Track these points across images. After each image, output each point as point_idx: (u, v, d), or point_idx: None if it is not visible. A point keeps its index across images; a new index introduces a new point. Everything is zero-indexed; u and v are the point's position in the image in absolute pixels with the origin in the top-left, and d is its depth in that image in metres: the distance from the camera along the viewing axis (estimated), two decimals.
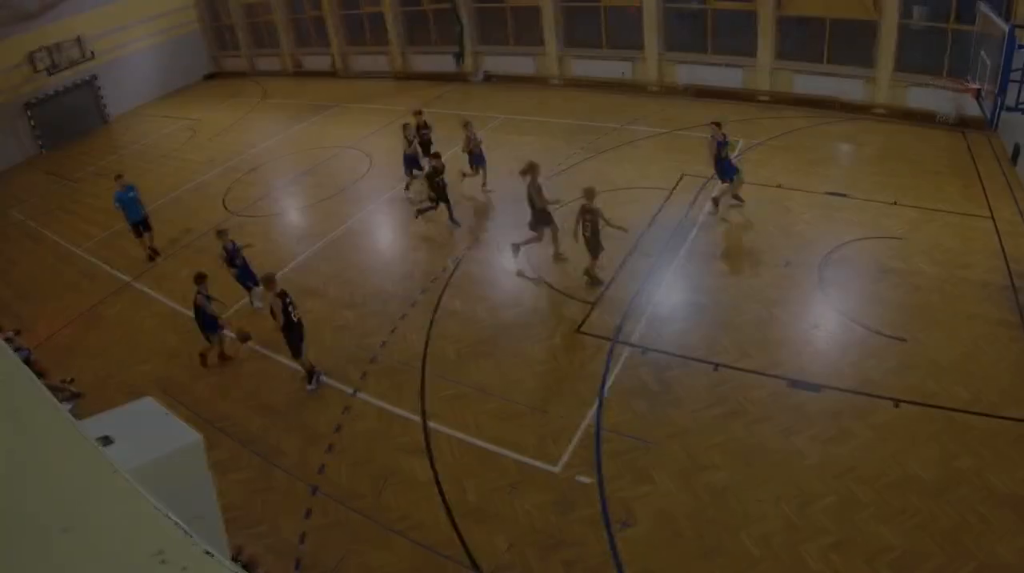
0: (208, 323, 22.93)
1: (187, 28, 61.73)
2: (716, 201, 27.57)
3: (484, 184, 32.64)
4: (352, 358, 22.80)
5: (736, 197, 27.61)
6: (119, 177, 29.26)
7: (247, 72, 62.46)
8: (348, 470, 18.59)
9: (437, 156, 27.98)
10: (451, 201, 28.24)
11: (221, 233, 23.37)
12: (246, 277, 24.19)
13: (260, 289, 23.48)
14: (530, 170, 25.88)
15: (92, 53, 52.19)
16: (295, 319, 21.17)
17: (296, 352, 21.53)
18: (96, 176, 43.18)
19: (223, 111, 52.90)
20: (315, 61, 59.42)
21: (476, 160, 31.71)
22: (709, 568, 15.19)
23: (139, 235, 30.07)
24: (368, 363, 22.44)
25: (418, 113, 32.86)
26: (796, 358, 20.97)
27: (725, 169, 26.87)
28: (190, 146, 45.50)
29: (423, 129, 32.21)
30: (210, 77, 63.98)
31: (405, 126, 33.17)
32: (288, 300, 21.06)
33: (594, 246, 24.34)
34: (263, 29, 61.23)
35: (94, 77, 53.98)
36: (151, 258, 30.24)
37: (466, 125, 31.57)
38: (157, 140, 48.45)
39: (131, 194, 29.08)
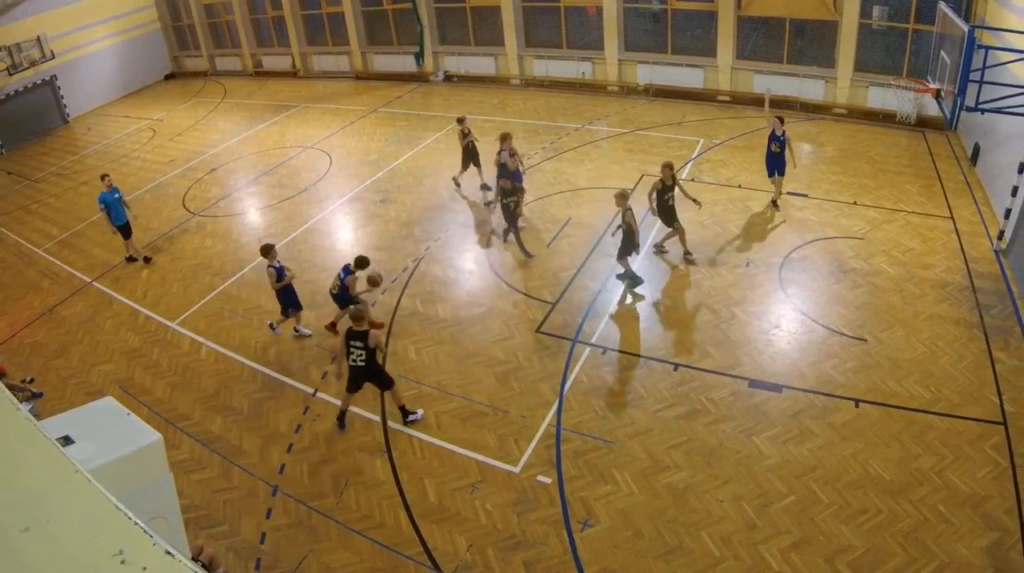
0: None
1: (147, 28, 61.44)
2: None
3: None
4: (313, 358, 22.75)
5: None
6: (104, 176, 28.70)
7: (208, 72, 62.29)
8: (309, 470, 18.52)
9: (507, 180, 26.56)
10: (517, 226, 27.41)
11: (268, 251, 22.61)
12: (289, 300, 23.49)
13: (284, 320, 23.28)
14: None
15: (52, 53, 51.75)
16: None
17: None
18: (56, 176, 42.99)
19: (184, 111, 52.68)
20: (276, 61, 59.39)
21: (515, 176, 29.96)
22: (670, 568, 15.20)
23: (127, 236, 29.58)
24: (329, 363, 22.35)
25: (460, 120, 31.65)
26: (757, 358, 21.04)
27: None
28: (151, 146, 45.21)
29: (467, 136, 31.27)
30: (170, 77, 63.73)
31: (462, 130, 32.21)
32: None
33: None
34: (223, 29, 61.03)
35: (54, 77, 53.58)
36: (133, 259, 29.80)
37: (504, 138, 30.23)
38: (118, 140, 48.12)
39: (116, 195, 28.57)
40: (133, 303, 26.95)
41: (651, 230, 27.50)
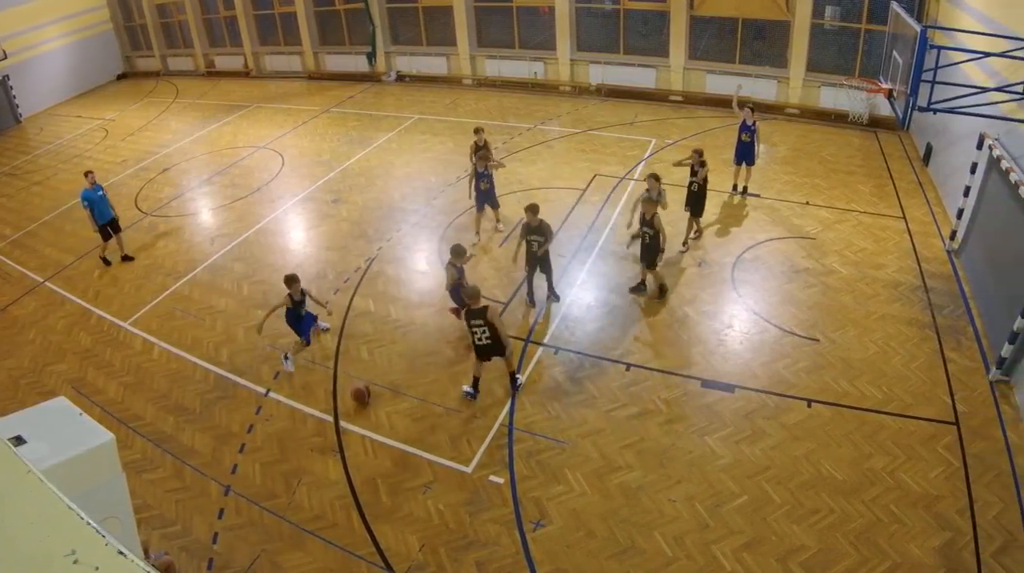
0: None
1: (100, 28, 61.07)
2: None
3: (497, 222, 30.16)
4: (265, 358, 22.61)
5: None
6: (88, 174, 28.18)
7: (160, 72, 61.92)
8: (261, 470, 18.38)
9: (531, 209, 22.85)
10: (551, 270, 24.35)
11: (291, 282, 21.30)
12: (301, 326, 22.67)
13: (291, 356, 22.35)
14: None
15: (4, 53, 51.21)
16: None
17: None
18: (9, 176, 42.53)
19: (136, 111, 52.34)
20: (228, 61, 59.04)
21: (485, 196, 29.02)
22: (622, 568, 15.15)
23: (107, 238, 29.00)
24: (281, 363, 22.19)
25: (478, 131, 29.35)
26: (709, 358, 21.02)
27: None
28: (103, 146, 44.90)
29: (481, 149, 28.77)
30: (123, 77, 63.33)
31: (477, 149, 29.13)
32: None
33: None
34: (176, 29, 60.69)
35: (6, 77, 53.14)
36: (107, 262, 29.07)
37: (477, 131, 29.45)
38: (71, 140, 47.71)
39: (100, 193, 28.12)
40: (85, 303, 26.71)
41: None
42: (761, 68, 41.01)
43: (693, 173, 25.90)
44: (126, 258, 29.13)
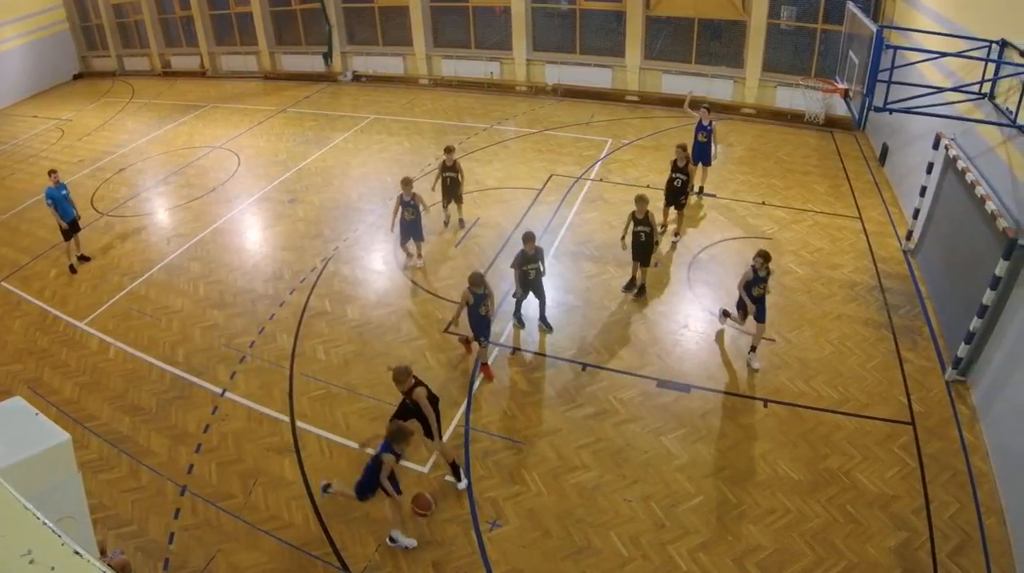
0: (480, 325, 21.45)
1: (56, 28, 60.46)
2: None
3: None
4: (221, 358, 22.43)
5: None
6: (52, 172, 27.97)
7: (116, 72, 61.42)
8: (217, 470, 18.23)
9: (529, 238, 21.45)
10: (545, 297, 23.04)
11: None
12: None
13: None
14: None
15: None
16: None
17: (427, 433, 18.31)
18: None
19: (92, 111, 51.89)
20: (184, 61, 58.60)
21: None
22: (578, 568, 15.12)
23: (68, 238, 28.61)
24: (237, 363, 22.11)
25: (450, 150, 27.98)
26: (665, 358, 21.05)
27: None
28: (59, 146, 44.42)
29: (448, 171, 27.63)
30: (79, 77, 62.72)
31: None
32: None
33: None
34: (132, 29, 60.32)
35: None
36: (73, 270, 28.48)
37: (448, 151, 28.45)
38: (26, 140, 47.16)
39: (63, 192, 27.83)
40: (42, 303, 26.44)
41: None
42: (717, 68, 41.21)
43: (679, 169, 25.96)
44: (83, 258, 28.89)
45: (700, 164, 29.13)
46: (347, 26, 51.77)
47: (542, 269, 21.66)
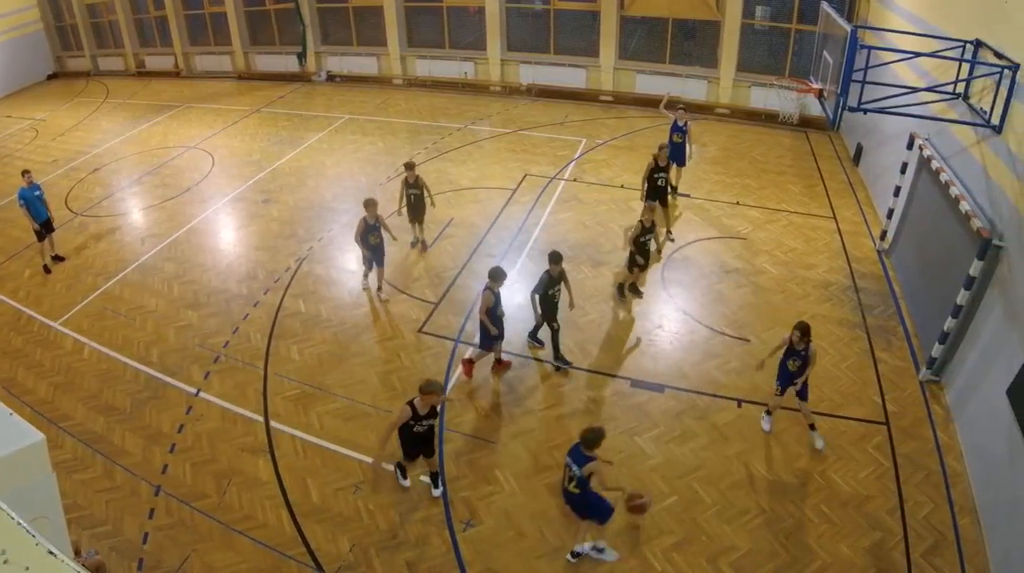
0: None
1: (30, 28, 60.25)
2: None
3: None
4: (195, 358, 22.32)
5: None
6: (25, 173, 27.81)
7: (90, 72, 61.17)
8: (191, 470, 18.12)
9: (555, 258, 20.46)
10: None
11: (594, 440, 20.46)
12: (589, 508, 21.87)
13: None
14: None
15: None
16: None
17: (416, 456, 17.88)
18: None
19: (67, 111, 51.67)
20: (158, 61, 58.39)
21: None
22: (552, 568, 15.09)
23: (41, 239, 28.46)
24: (211, 363, 22.00)
25: (410, 166, 26.58)
26: (639, 358, 21.05)
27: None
28: (33, 146, 44.17)
29: (411, 188, 26.53)
30: (53, 77, 62.48)
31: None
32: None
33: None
34: (106, 29, 60.10)
35: None
36: (48, 270, 28.30)
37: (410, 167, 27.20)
38: (0, 140, 46.87)
39: (36, 192, 27.72)
40: (15, 303, 26.29)
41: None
42: (691, 68, 41.35)
43: (661, 169, 25.93)
44: (57, 258, 28.72)
45: (675, 164, 28.95)
46: (321, 26, 51.80)
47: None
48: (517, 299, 23.63)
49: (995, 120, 18.27)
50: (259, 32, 54.28)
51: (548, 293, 20.28)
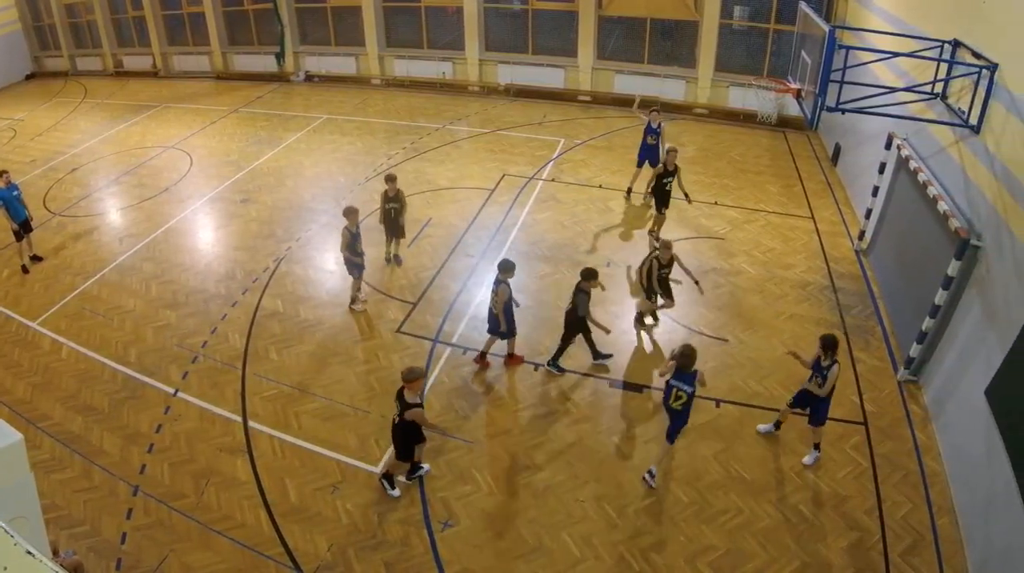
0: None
1: (8, 28, 60.10)
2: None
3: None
4: (174, 358, 22.25)
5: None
6: (3, 173, 27.47)
7: (68, 72, 60.91)
8: (170, 470, 18.07)
9: (590, 274, 20.11)
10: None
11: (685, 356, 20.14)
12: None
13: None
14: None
15: None
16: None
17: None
18: None
19: (45, 111, 51.43)
20: (136, 61, 58.22)
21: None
22: (530, 568, 15.11)
23: (19, 239, 28.30)
24: (189, 363, 21.93)
25: (391, 179, 25.71)
26: (618, 358, 21.07)
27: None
28: (11, 146, 43.94)
29: (391, 202, 25.73)
30: (31, 77, 62.23)
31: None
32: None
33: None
34: (84, 29, 59.89)
35: None
36: (26, 270, 28.20)
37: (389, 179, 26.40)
38: None
39: (15, 192, 27.49)
40: None
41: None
42: (669, 68, 41.45)
43: (671, 174, 25.65)
44: (35, 258, 28.63)
45: (648, 165, 28.91)
46: (300, 26, 51.85)
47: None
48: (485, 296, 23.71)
49: (973, 120, 18.31)
50: (237, 32, 54.25)
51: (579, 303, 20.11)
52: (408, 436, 16.50)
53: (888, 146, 23.37)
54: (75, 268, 27.53)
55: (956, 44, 20.26)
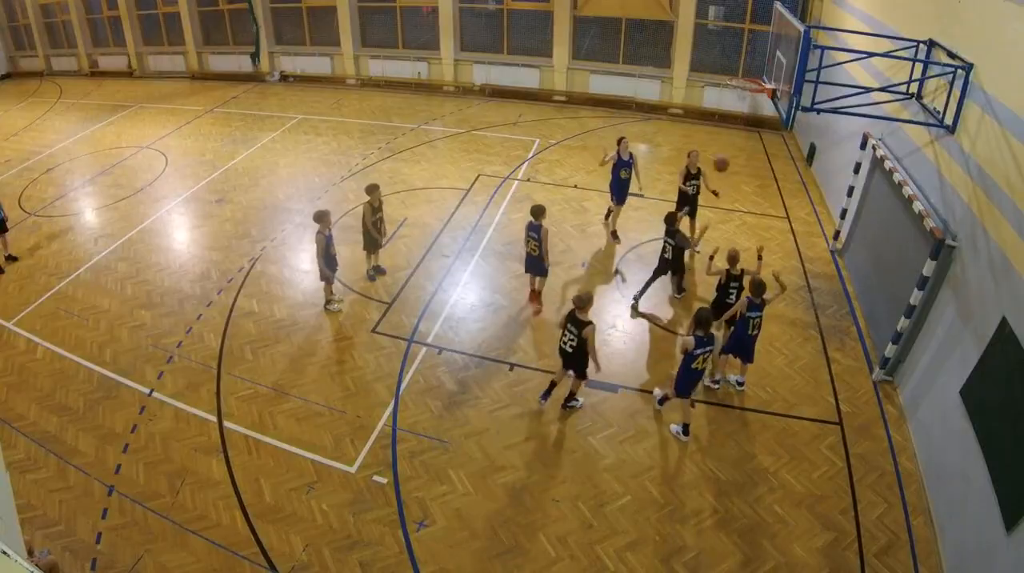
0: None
1: None
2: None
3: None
4: (149, 358, 22.16)
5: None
6: None
7: (43, 72, 60.93)
8: (145, 470, 18.00)
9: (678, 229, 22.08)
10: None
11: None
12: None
13: None
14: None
15: None
16: None
17: None
18: None
19: (19, 111, 51.39)
20: (111, 61, 58.13)
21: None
22: (506, 568, 15.07)
23: None
24: (164, 363, 21.84)
25: (374, 188, 24.67)
26: None
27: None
28: None
29: (378, 212, 24.76)
30: (6, 77, 62.11)
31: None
32: None
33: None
34: (59, 29, 59.81)
35: None
36: (1, 270, 27.92)
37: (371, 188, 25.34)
38: None
39: None
40: None
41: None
42: (645, 68, 41.54)
43: (695, 176, 25.55)
44: (10, 258, 28.46)
45: (615, 203, 27.37)
46: (275, 26, 51.91)
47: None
48: (470, 300, 23.84)
49: (948, 120, 18.33)
50: (212, 32, 54.28)
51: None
52: (584, 354, 17.32)
53: (863, 146, 23.44)
54: (50, 268, 27.43)
55: (931, 44, 20.28)
